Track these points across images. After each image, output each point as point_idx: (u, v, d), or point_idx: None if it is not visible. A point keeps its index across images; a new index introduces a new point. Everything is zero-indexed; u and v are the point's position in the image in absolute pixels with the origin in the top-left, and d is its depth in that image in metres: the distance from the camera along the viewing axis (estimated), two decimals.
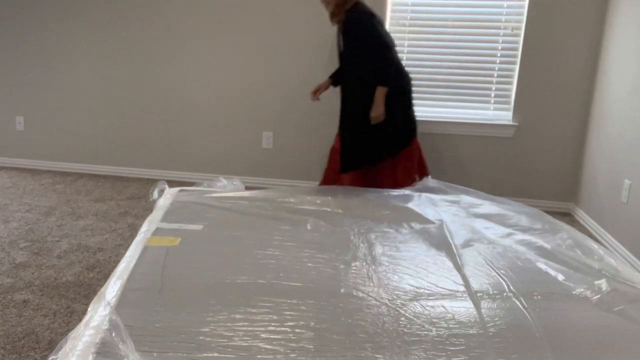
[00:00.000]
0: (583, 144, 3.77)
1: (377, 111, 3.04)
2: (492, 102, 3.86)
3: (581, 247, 2.27)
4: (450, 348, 1.52)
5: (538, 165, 3.87)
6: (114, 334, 1.50)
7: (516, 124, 3.81)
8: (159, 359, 1.45)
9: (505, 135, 3.85)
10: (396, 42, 3.85)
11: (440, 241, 2.28)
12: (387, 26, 3.83)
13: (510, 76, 3.79)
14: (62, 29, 4.23)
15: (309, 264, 2.01)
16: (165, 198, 2.65)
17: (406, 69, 3.38)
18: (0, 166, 4.52)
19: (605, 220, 3.32)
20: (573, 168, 3.83)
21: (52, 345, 1.94)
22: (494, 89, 3.84)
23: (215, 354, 1.47)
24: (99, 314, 1.57)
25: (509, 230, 2.42)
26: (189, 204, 2.56)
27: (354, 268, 1.99)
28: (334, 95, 4.11)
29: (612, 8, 3.46)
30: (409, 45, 3.86)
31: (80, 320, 2.10)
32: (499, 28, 3.74)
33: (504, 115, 3.87)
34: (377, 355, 1.49)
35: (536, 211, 2.70)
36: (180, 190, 2.82)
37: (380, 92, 3.04)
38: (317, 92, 3.46)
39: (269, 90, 4.05)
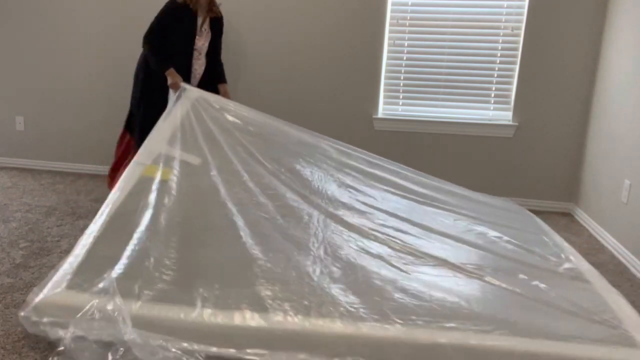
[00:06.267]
0: (583, 144, 3.77)
1: None
2: (492, 102, 3.86)
3: (538, 236, 2.64)
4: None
5: (538, 165, 3.87)
6: (116, 314, 1.75)
7: (516, 124, 3.81)
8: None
9: (505, 135, 3.85)
10: (396, 42, 3.87)
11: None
12: (387, 26, 3.84)
13: (510, 76, 3.79)
14: (62, 29, 4.23)
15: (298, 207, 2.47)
16: (184, 103, 2.75)
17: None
18: (0, 166, 4.52)
19: (605, 220, 3.32)
20: (573, 168, 3.83)
21: (52, 345, 1.94)
22: (494, 89, 3.84)
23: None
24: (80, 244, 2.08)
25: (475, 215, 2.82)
26: (201, 122, 2.69)
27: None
28: (334, 92, 4.12)
29: (612, 8, 3.46)
30: (408, 45, 3.85)
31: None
32: (499, 28, 3.73)
33: (504, 115, 3.86)
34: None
35: (504, 202, 3.14)
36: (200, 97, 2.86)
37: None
38: None
39: (270, 90, 4.04)
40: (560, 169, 3.85)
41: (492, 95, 3.85)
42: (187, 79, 3.18)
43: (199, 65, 3.31)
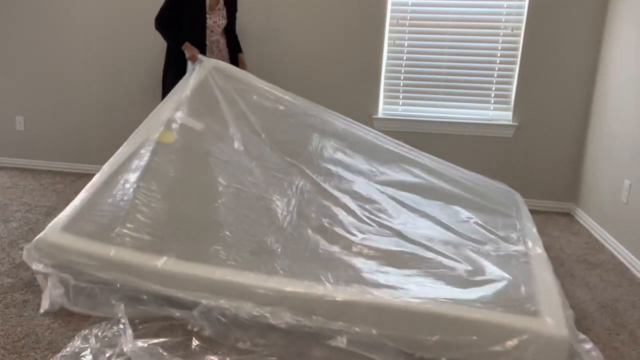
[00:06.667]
0: (583, 144, 3.77)
1: None
2: (492, 102, 3.86)
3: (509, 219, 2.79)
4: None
5: (538, 165, 3.87)
6: (120, 327, 1.93)
7: (516, 124, 3.81)
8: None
9: (505, 135, 3.85)
10: (396, 42, 3.87)
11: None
12: (387, 26, 3.84)
13: (510, 76, 3.79)
14: (62, 29, 4.23)
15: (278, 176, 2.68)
16: (199, 73, 2.99)
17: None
18: (0, 166, 4.52)
19: (605, 220, 3.32)
20: (573, 168, 3.83)
21: (52, 345, 1.94)
22: (494, 89, 3.84)
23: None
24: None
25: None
26: (210, 91, 2.92)
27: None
28: (334, 92, 4.13)
29: (612, 8, 3.46)
30: (408, 45, 3.86)
31: (80, 321, 2.11)
32: (499, 28, 3.73)
33: (504, 115, 3.86)
34: None
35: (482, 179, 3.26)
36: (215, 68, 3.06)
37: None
38: None
39: None
40: (560, 169, 3.85)
41: (492, 95, 3.85)
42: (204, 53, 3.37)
43: (210, 42, 3.47)
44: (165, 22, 3.36)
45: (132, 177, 2.50)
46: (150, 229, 2.32)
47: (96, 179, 2.56)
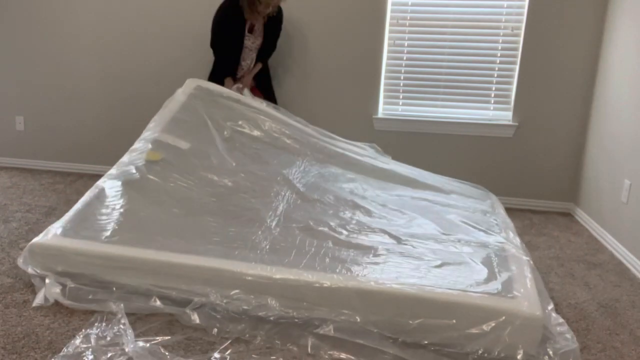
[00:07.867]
0: (583, 144, 3.77)
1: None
2: (492, 102, 3.86)
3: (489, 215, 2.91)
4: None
5: (538, 165, 3.87)
6: (121, 326, 1.98)
7: (516, 124, 3.81)
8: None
9: (505, 135, 3.85)
10: (396, 42, 3.88)
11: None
12: (387, 26, 3.84)
13: (510, 76, 3.79)
14: (62, 29, 4.23)
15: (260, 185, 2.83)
16: (183, 92, 3.19)
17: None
18: (0, 166, 4.52)
19: (605, 220, 3.32)
20: (573, 168, 3.83)
21: (52, 345, 1.94)
22: (494, 89, 3.84)
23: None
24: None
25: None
26: (194, 111, 3.09)
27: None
28: (334, 92, 4.12)
29: (612, 8, 3.47)
30: (408, 45, 3.86)
31: (80, 321, 2.11)
32: (499, 28, 3.73)
33: (504, 115, 3.87)
34: None
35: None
36: (197, 88, 3.22)
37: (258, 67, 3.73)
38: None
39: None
40: (560, 169, 3.85)
41: (492, 95, 3.85)
42: (236, 72, 3.61)
43: (251, 60, 3.65)
44: (217, 50, 3.54)
45: (123, 190, 2.65)
46: (141, 233, 2.43)
47: (89, 193, 2.68)
